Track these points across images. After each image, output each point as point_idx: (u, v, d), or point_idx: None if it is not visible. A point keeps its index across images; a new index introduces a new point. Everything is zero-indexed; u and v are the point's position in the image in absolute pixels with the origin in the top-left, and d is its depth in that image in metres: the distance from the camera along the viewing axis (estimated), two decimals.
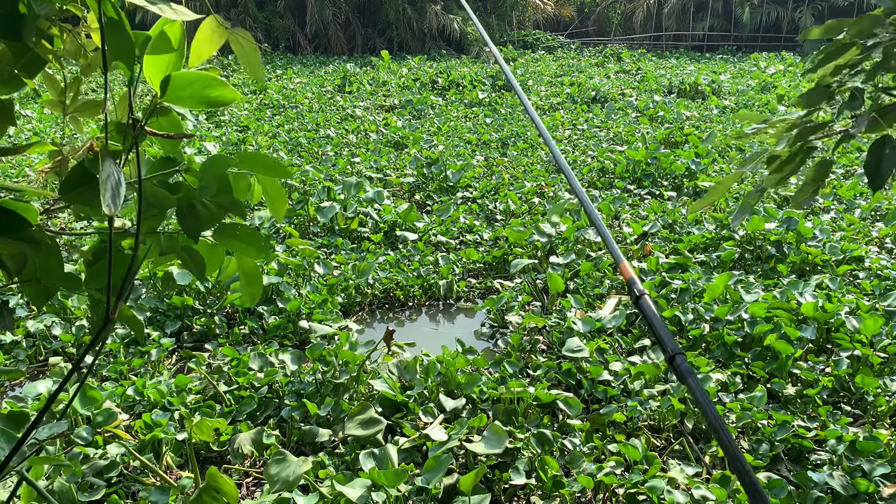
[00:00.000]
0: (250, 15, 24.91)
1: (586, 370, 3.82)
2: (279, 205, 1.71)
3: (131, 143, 1.41)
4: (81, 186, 1.40)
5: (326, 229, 6.63)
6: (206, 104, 1.48)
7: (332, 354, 3.88)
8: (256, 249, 1.64)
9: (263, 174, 1.65)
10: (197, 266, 1.60)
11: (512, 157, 9.57)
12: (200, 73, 1.42)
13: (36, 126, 10.83)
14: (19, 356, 4.29)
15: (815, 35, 1.87)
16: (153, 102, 1.44)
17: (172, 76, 1.42)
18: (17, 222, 1.33)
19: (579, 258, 5.62)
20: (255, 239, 1.63)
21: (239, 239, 1.63)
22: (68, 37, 1.50)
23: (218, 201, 1.53)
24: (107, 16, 1.27)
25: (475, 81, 16.76)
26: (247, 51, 1.49)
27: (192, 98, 1.46)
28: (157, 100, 1.44)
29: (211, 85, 1.44)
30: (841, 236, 5.86)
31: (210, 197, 1.52)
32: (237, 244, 1.63)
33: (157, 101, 1.44)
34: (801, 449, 3.26)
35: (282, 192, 1.70)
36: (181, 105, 1.47)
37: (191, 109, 1.50)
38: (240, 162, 1.58)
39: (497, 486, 3.06)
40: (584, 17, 33.00)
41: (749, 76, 17.88)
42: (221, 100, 1.47)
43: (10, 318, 1.46)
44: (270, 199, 1.70)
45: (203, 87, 1.45)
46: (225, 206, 1.55)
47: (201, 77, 1.43)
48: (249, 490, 3.20)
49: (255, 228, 6.50)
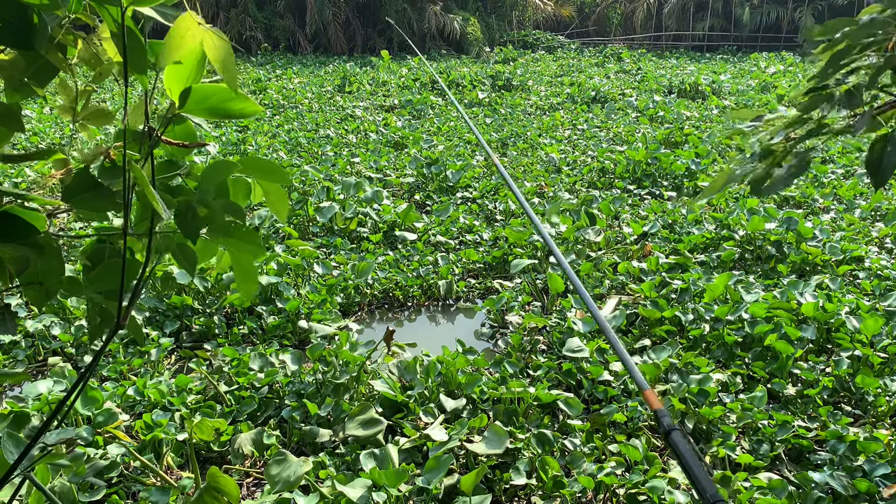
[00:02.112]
0: (250, 15, 24.92)
1: (587, 370, 3.82)
2: (281, 208, 1.71)
3: (147, 152, 1.42)
4: (86, 192, 1.40)
5: (326, 229, 6.63)
6: (226, 117, 1.46)
7: (332, 355, 3.88)
8: (252, 247, 1.65)
9: (264, 178, 1.65)
10: (189, 263, 1.60)
11: (512, 158, 9.57)
12: (221, 86, 1.41)
13: (35, 126, 10.82)
14: (18, 356, 4.28)
15: (815, 35, 1.87)
16: (170, 111, 1.44)
17: (193, 88, 1.41)
18: (24, 229, 1.34)
19: (579, 258, 5.62)
20: (250, 237, 1.63)
21: (234, 237, 1.63)
22: (82, 45, 1.50)
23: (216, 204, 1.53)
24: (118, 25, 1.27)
25: (475, 81, 16.76)
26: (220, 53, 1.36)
27: (211, 110, 1.45)
28: (174, 109, 1.43)
29: (232, 98, 1.43)
30: (841, 236, 5.86)
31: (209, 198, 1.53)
32: (232, 242, 1.64)
33: (174, 111, 1.43)
34: (802, 449, 3.26)
35: (284, 196, 1.71)
36: (200, 116, 1.46)
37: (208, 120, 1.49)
38: (242, 168, 1.58)
39: (498, 487, 3.06)
40: (584, 17, 33.02)
41: (749, 76, 17.89)
42: (242, 113, 1.46)
43: (13, 322, 1.46)
44: (272, 202, 1.70)
45: (223, 100, 1.44)
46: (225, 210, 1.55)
47: (222, 90, 1.42)
48: (250, 490, 3.19)
49: (254, 227, 6.51)
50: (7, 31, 1.19)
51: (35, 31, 1.22)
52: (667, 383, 3.75)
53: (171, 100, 1.44)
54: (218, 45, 1.35)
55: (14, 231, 1.33)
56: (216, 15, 24.85)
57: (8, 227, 1.33)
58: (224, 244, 1.64)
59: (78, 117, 1.59)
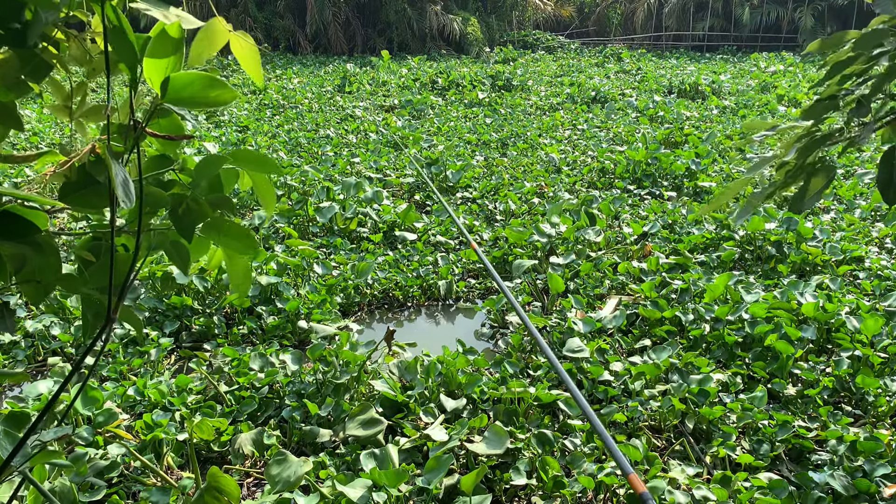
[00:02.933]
0: (250, 15, 24.91)
1: (587, 370, 3.82)
2: (268, 199, 1.73)
3: (132, 145, 1.42)
4: (82, 189, 1.40)
5: (325, 229, 6.63)
6: (205, 104, 1.48)
7: (332, 355, 3.88)
8: (245, 246, 1.65)
9: (253, 170, 1.67)
10: (182, 260, 1.62)
11: (512, 158, 9.57)
12: (199, 73, 1.42)
13: (35, 126, 10.82)
14: (18, 356, 4.28)
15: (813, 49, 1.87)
16: (153, 104, 1.44)
17: (172, 77, 1.42)
18: (25, 228, 1.34)
19: (579, 258, 5.62)
20: (243, 234, 1.64)
21: (227, 234, 1.63)
22: (74, 42, 1.50)
23: (209, 199, 1.55)
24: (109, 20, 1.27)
25: (475, 81, 16.75)
26: (247, 53, 1.51)
27: (191, 99, 1.46)
28: (157, 101, 1.44)
29: (210, 85, 1.44)
30: (841, 236, 5.86)
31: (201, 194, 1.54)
32: (226, 240, 1.64)
33: (157, 103, 1.44)
34: (802, 449, 3.26)
35: (270, 187, 1.72)
36: (181, 106, 1.48)
37: (190, 110, 1.51)
38: (233, 160, 1.61)
39: (498, 487, 3.06)
40: (584, 17, 33.01)
41: (749, 76, 17.89)
42: (220, 100, 1.47)
43: (12, 321, 1.46)
44: (260, 193, 1.73)
45: (202, 88, 1.45)
46: (216, 204, 1.57)
47: (200, 77, 1.43)
48: (250, 490, 3.19)
49: (253, 228, 6.50)
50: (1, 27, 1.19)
51: (29, 27, 1.22)
52: (667, 383, 3.75)
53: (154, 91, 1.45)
54: (244, 45, 1.50)
55: (16, 230, 1.33)
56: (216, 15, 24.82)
57: (10, 225, 1.33)
58: (217, 241, 1.65)
59: (74, 115, 1.59)
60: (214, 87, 1.45)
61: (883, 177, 1.59)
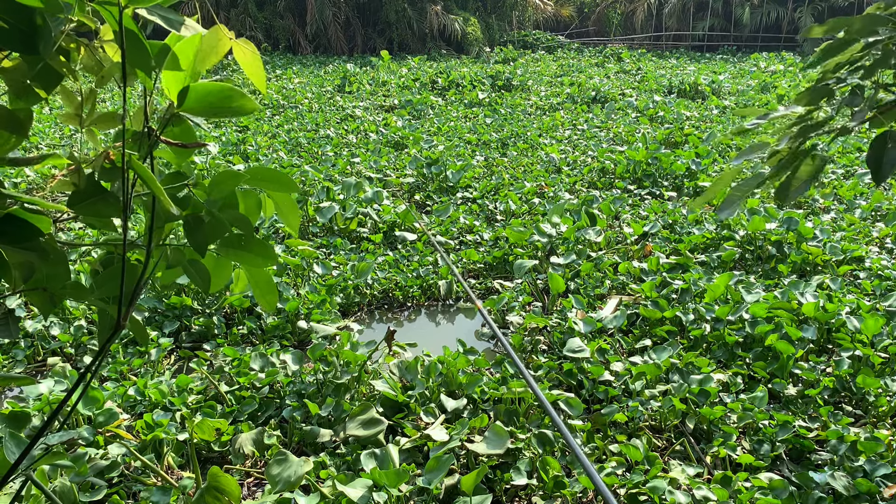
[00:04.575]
0: (250, 15, 24.89)
1: (587, 370, 3.82)
2: (292, 219, 1.72)
3: (146, 153, 1.42)
4: (91, 198, 1.40)
5: (325, 229, 6.63)
6: (224, 114, 1.48)
7: (333, 355, 3.88)
8: (264, 258, 1.64)
9: (273, 189, 1.65)
10: (202, 279, 1.60)
11: (512, 158, 9.56)
12: (219, 84, 1.43)
13: (35, 126, 10.82)
14: (17, 356, 4.28)
15: (816, 34, 1.87)
16: (168, 111, 1.44)
17: (191, 87, 1.42)
18: (29, 232, 1.34)
19: (580, 258, 5.62)
20: (261, 248, 1.62)
21: (245, 249, 1.62)
22: (86, 51, 1.50)
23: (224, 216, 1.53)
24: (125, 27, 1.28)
25: (475, 81, 16.75)
26: (250, 60, 1.52)
27: (211, 108, 1.47)
28: (172, 109, 1.44)
29: (230, 96, 1.45)
30: (841, 236, 5.86)
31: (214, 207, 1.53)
32: (244, 255, 1.62)
33: (173, 111, 1.44)
34: (803, 449, 3.26)
35: (294, 206, 1.71)
36: (199, 115, 1.48)
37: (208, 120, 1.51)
38: (250, 178, 1.59)
39: (498, 487, 3.06)
40: (584, 17, 33.00)
41: (749, 76, 17.89)
42: (241, 111, 1.48)
43: (16, 327, 1.46)
44: (283, 213, 1.71)
45: (222, 98, 1.45)
46: (230, 221, 1.55)
47: (220, 88, 1.43)
48: (251, 490, 3.19)
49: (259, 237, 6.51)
50: (12, 34, 1.19)
51: (40, 35, 1.22)
52: (668, 383, 3.75)
53: (171, 100, 1.44)
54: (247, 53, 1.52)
55: (18, 234, 1.33)
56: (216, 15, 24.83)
57: (12, 229, 1.33)
58: (236, 259, 1.64)
59: (85, 123, 1.59)
60: (235, 97, 1.46)
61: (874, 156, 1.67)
